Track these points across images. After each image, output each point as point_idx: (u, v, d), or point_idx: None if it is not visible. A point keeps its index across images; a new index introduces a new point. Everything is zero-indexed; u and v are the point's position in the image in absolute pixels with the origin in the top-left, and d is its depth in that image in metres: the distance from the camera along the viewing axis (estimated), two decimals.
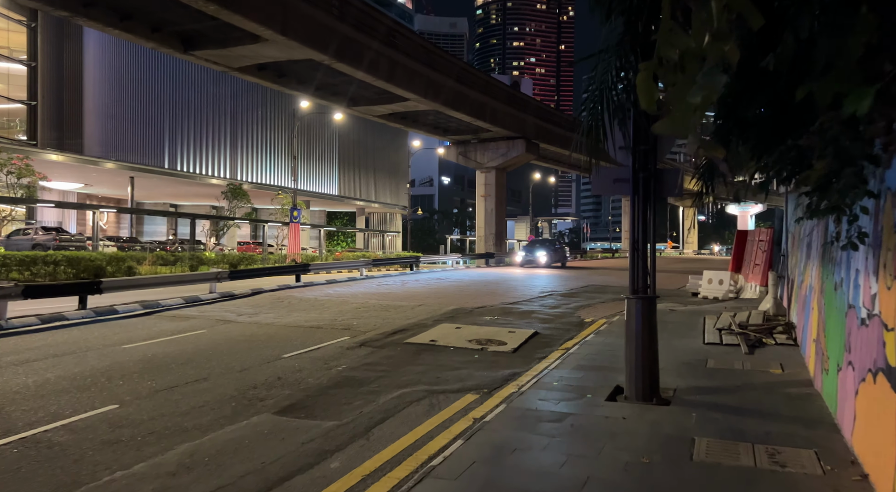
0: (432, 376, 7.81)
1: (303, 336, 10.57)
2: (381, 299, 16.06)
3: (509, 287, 20.47)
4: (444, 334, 10.69)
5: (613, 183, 6.41)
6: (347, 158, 54.68)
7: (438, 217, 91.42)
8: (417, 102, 27.27)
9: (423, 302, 15.54)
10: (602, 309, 14.57)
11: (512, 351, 9.47)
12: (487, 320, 12.52)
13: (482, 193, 38.00)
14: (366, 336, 10.56)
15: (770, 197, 74.07)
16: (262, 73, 22.60)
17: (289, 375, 7.76)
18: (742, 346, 8.39)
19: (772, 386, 6.39)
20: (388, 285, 20.91)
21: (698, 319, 11.62)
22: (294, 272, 20.36)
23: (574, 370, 7.51)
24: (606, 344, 9.27)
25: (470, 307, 14.51)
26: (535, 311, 14.12)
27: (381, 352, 9.27)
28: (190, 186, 44.50)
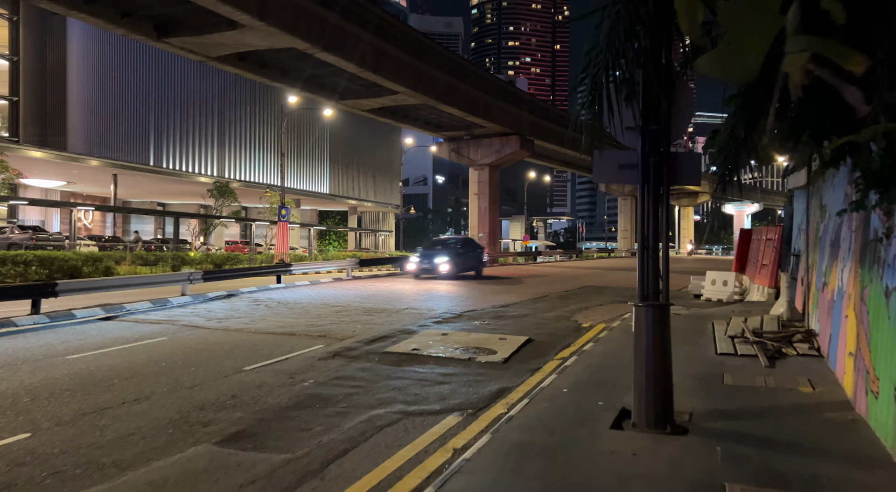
0: (411, 392, 6.84)
1: (272, 345, 9.58)
2: (364, 302, 15.07)
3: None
4: (429, 342, 9.72)
5: (618, 170, 5.45)
6: (339, 156, 53.65)
7: (433, 216, 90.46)
8: (407, 96, 26.24)
9: (409, 305, 14.56)
10: (600, 313, 13.62)
11: (502, 361, 8.51)
12: (477, 325, 11.56)
13: (475, 191, 37.02)
14: (342, 344, 9.57)
15: (766, 196, 73.56)
16: (243, 64, 21.56)
17: (245, 392, 6.77)
18: (760, 357, 7.44)
19: (805, 409, 5.43)
20: (374, 287, 19.92)
21: (706, 324, 10.68)
22: (275, 273, 19.33)
23: (572, 386, 6.55)
24: (607, 354, 8.31)
25: (458, 311, 13.54)
26: (528, 314, 13.16)
27: (356, 363, 8.29)
28: (177, 183, 43.42)
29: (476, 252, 23.72)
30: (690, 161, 5.32)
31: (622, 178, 5.45)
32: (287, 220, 36.51)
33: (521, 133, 35.72)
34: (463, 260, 22.51)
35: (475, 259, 23.60)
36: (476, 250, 23.92)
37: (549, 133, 39.76)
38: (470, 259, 23.14)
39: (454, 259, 21.81)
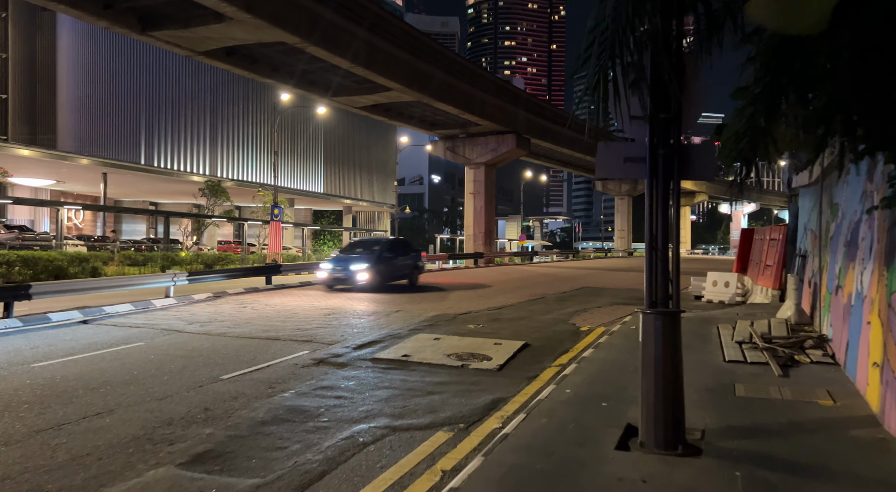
0: (398, 404, 6.35)
1: (255, 350, 9.07)
2: (354, 304, 14.57)
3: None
4: (420, 347, 9.23)
5: (623, 164, 4.96)
6: (333, 155, 53.11)
7: (428, 216, 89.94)
8: (401, 93, 25.72)
9: (401, 307, 14.07)
10: (599, 315, 13.15)
11: (497, 368, 8.02)
12: (471, 329, 11.07)
13: (471, 190, 36.51)
14: (328, 350, 9.07)
15: (763, 196, 73.44)
16: (231, 59, 21.01)
17: (219, 404, 6.27)
18: (772, 365, 6.97)
19: (828, 426, 4.96)
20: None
21: (710, 327, 10.22)
22: (264, 274, 18.81)
23: (571, 398, 6.06)
24: (608, 361, 7.82)
25: (452, 314, 13.05)
26: (524, 317, 12.68)
27: (342, 371, 7.79)
28: (169, 183, 42.83)
29: (409, 256, 19.64)
30: (703, 153, 4.84)
31: (628, 172, 4.97)
32: (280, 219, 35.99)
33: (518, 131, 35.24)
34: (389, 267, 18.24)
35: (407, 265, 19.39)
36: (409, 254, 19.78)
37: (546, 131, 39.30)
38: (399, 265, 18.91)
39: (377, 266, 17.50)
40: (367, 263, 17.47)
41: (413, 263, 19.74)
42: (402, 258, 19.17)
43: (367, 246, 19.34)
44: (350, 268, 17.44)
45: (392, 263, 18.51)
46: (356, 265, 17.42)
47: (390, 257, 18.54)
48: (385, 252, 18.48)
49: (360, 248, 19.36)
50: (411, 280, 19.57)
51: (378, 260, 17.82)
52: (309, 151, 50.60)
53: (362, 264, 17.44)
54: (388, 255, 18.50)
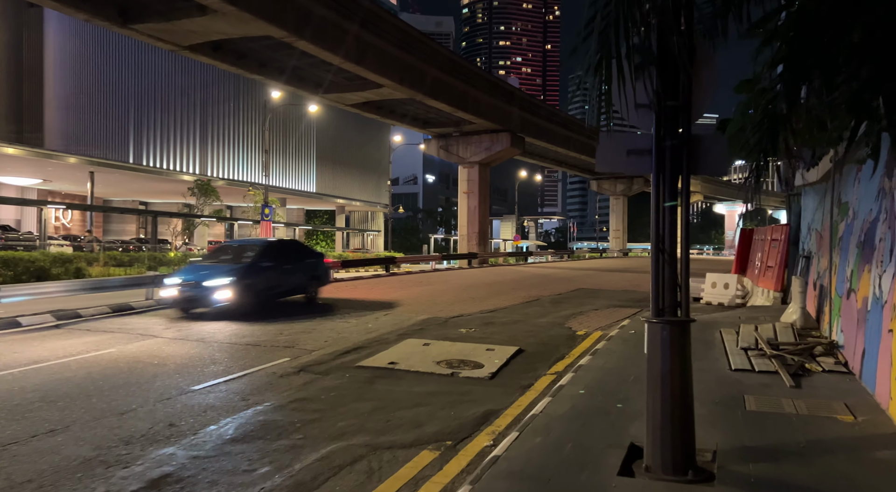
0: (381, 418, 5.87)
1: (232, 357, 8.57)
2: (343, 306, 14.05)
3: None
4: (408, 354, 8.74)
5: (627, 156, 4.49)
6: (326, 154, 52.54)
7: (423, 216, 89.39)
8: (392, 90, 25.21)
9: (390, 310, 13.57)
10: (596, 319, 12.69)
11: (489, 377, 7.55)
12: (463, 333, 10.59)
13: (464, 189, 36.03)
14: (310, 357, 8.57)
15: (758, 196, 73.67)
16: (218, 54, 20.47)
17: (186, 419, 5.76)
18: (783, 375, 6.52)
19: (851, 446, 4.50)
20: (353, 291, 18.93)
21: (712, 332, 9.77)
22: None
23: (569, 413, 5.58)
24: (607, 370, 7.35)
25: (444, 317, 12.56)
26: (518, 320, 12.20)
27: (323, 380, 7.30)
28: (159, 182, 42.17)
29: (302, 264, 14.66)
30: (715, 145, 4.37)
31: (631, 166, 4.50)
32: (271, 219, 35.43)
33: (512, 130, 34.78)
34: (268, 279, 13.25)
35: (300, 276, 14.42)
36: (303, 261, 14.79)
37: (541, 130, 38.87)
38: (286, 276, 13.97)
39: (246, 279, 12.57)
40: (231, 276, 12.28)
41: (310, 272, 14.69)
42: (289, 267, 14.08)
43: (237, 251, 14.00)
44: (204, 284, 12.15)
45: (273, 273, 13.37)
46: (214, 279, 12.19)
47: (269, 267, 13.32)
48: (262, 259, 13.33)
49: (227, 254, 14.06)
50: (309, 295, 14.61)
51: (249, 271, 12.77)
52: (301, 150, 50.01)
53: (223, 278, 12.20)
54: (267, 263, 13.34)
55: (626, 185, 62.99)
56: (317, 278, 15.09)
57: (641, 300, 16.20)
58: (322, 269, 15.57)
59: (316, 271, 15.12)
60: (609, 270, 32.36)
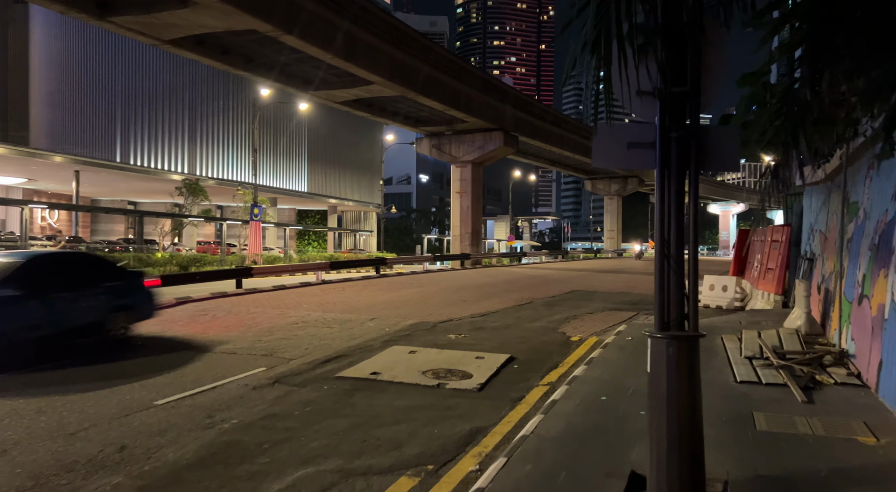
0: (357, 437, 5.36)
1: (204, 366, 8.04)
2: (326, 311, 13.53)
3: None
4: (393, 363, 8.24)
5: (627, 150, 3.99)
6: (318, 154, 51.93)
7: (416, 216, 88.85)
8: (383, 87, 24.66)
9: (377, 314, 13.05)
10: (591, 323, 12.21)
11: (478, 388, 7.06)
12: (452, 340, 10.09)
13: (457, 189, 35.51)
14: (287, 367, 8.05)
15: (751, 196, 72.91)
16: (202, 49, 19.87)
17: (142, 440, 5.24)
18: (793, 388, 6.04)
19: (880, 476, 4.02)
20: (340, 293, 18.42)
21: (713, 338, 9.30)
22: (235, 277, 17.69)
23: (562, 433, 5.09)
24: (603, 382, 6.86)
25: (432, 321, 12.05)
26: (510, 325, 11.71)
27: (299, 393, 6.78)
28: (147, 181, 41.50)
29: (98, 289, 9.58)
30: (726, 138, 3.88)
31: (632, 161, 4.00)
32: (260, 219, 34.85)
33: (505, 129, 34.28)
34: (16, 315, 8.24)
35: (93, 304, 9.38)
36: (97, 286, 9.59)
37: (534, 129, 38.40)
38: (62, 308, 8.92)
39: None
40: None
41: (111, 300, 9.64)
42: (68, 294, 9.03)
43: None
44: None
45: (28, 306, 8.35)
46: None
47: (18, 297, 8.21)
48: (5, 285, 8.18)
49: None
50: (110, 332, 9.50)
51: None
52: (292, 150, 49.39)
53: None
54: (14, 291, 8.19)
55: (620, 185, 62.65)
56: (126, 309, 9.81)
57: (637, 303, 15.75)
58: (136, 295, 10.30)
59: (123, 299, 9.83)
60: (604, 272, 31.93)
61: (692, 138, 3.77)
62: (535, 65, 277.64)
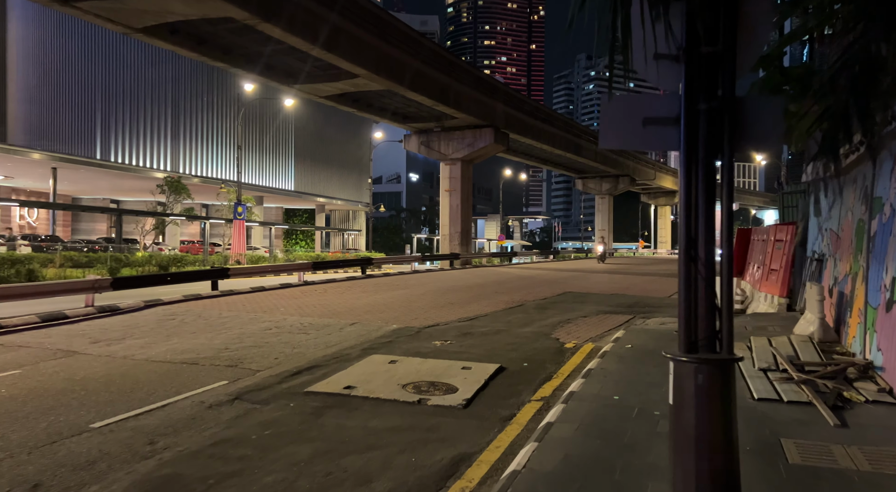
0: (321, 469, 4.58)
1: (160, 379, 7.21)
2: (304, 315, 12.70)
3: None
4: (370, 375, 7.45)
5: (643, 127, 3.23)
6: (305, 152, 50.96)
7: (406, 215, 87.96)
8: (369, 81, 23.79)
9: (359, 318, 12.24)
10: (586, 328, 11.47)
11: (463, 405, 6.29)
12: (437, 347, 9.31)
13: (446, 187, 34.68)
14: (253, 380, 7.24)
15: (741, 196, 72.66)
16: (176, 38, 18.93)
17: (63, 476, 4.42)
18: (821, 408, 5.31)
19: None
20: (322, 295, 17.60)
21: None
22: (210, 278, 16.79)
23: (559, 467, 4.32)
24: (604, 400, 6.10)
25: (417, 327, 11.26)
26: (500, 330, 10.95)
27: (261, 412, 5.98)
28: (129, 179, 40.42)
29: None
30: (767, 110, 3.12)
31: (649, 140, 3.24)
32: (244, 218, 33.95)
33: (496, 125, 33.50)
34: None
35: None
36: None
37: (526, 126, 37.65)
38: None
39: None
40: None
41: None
42: None
43: None
44: None
45: None
46: None
47: None
48: None
49: None
50: None
51: None
52: (279, 147, 48.41)
53: None
54: None
55: (612, 184, 62.09)
56: None
57: (633, 306, 15.04)
58: None
59: None
60: (596, 272, 31.27)
61: (726, 111, 3.02)
62: (525, 64, 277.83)
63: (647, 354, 8.16)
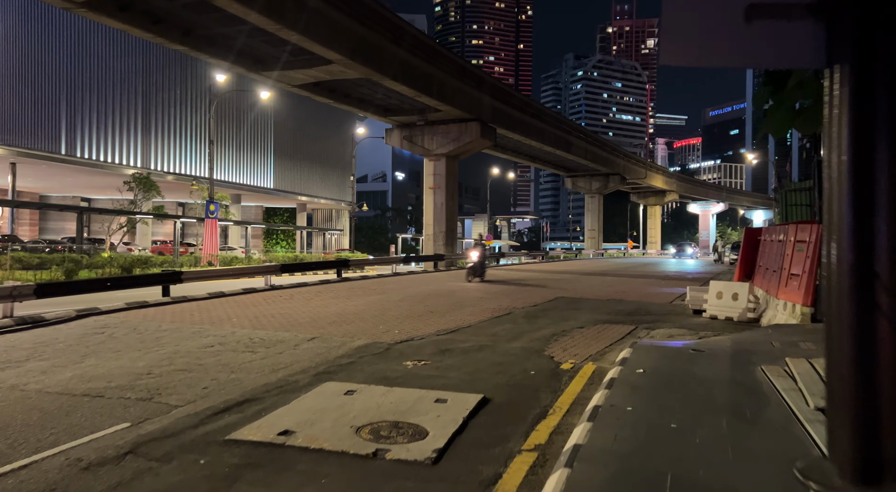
0: None
1: (40, 422, 5.56)
2: (258, 327, 11.04)
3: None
4: (318, 412, 5.84)
5: (746, 23, 1.64)
6: (285, 149, 49.12)
7: (392, 215, 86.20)
8: (344, 67, 22.07)
9: (321, 331, 10.60)
10: (583, 342, 9.93)
11: (433, 458, 4.73)
12: (408, 369, 7.73)
13: (430, 184, 33.02)
14: (162, 422, 5.60)
15: (731, 196, 72.10)
16: (126, 16, 17.12)
17: None
18: None
19: None
20: (286, 301, 15.96)
21: (748, 369, 7.10)
22: (160, 283, 15.03)
23: None
24: (622, 458, 4.52)
25: (387, 342, 9.65)
26: (484, 345, 9.37)
27: (155, 476, 4.36)
28: (98, 175, 38.42)
29: None
30: None
31: (759, 48, 1.66)
32: (216, 217, 32.19)
33: (482, 119, 31.88)
34: None
35: None
36: None
37: (514, 121, 36.09)
38: None
39: None
40: None
41: None
42: None
43: None
44: None
45: None
46: None
47: None
48: None
49: None
50: None
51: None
52: (257, 144, 46.52)
53: None
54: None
55: (601, 182, 60.80)
56: None
57: (633, 313, 13.54)
58: None
59: None
60: (588, 274, 29.83)
61: None
62: (513, 64, 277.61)
63: (665, 383, 6.62)
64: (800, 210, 18.64)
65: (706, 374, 6.93)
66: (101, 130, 36.86)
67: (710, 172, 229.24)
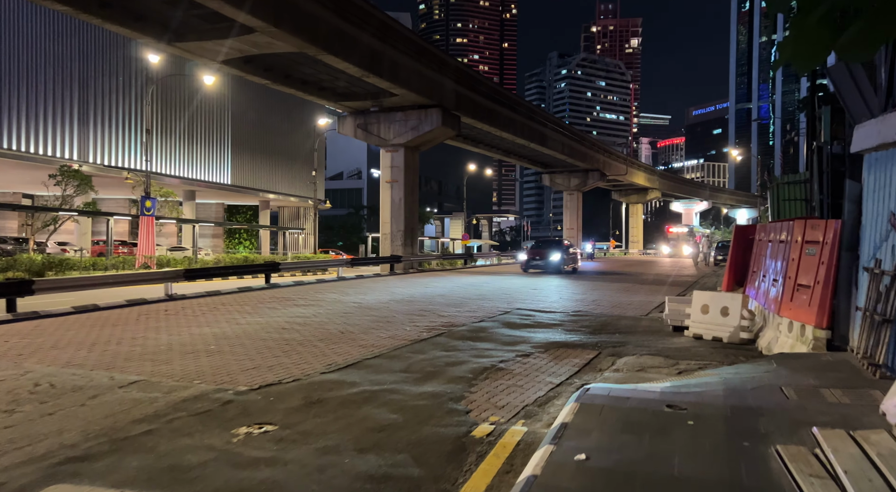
0: None
1: None
2: (76, 362, 8.11)
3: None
4: None
5: None
6: (244, 142, 45.94)
7: (367, 213, 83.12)
8: (270, 37, 19.01)
9: (155, 370, 7.71)
10: (523, 379, 7.18)
11: None
12: (232, 445, 4.92)
13: (387, 177, 30.04)
14: None
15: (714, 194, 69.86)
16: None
17: None
18: None
19: None
20: (169, 318, 13.08)
21: (758, 458, 4.39)
22: (6, 295, 11.90)
23: None
24: None
25: (240, 388, 6.81)
26: (380, 390, 6.58)
27: None
28: (30, 169, 34.99)
29: None
30: None
31: None
32: (153, 214, 29.11)
33: (444, 106, 28.95)
34: None
35: None
36: None
37: (481, 110, 33.22)
38: None
39: None
40: None
41: None
42: None
43: None
44: None
45: None
46: None
47: None
48: None
49: None
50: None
51: None
52: (212, 136, 43.29)
53: None
54: None
55: (580, 179, 58.27)
56: None
57: (599, 330, 10.82)
58: None
59: None
60: (561, 277, 27.14)
61: None
62: (497, 63, 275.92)
63: (634, 477, 3.83)
64: (795, 205, 16.31)
65: (687, 467, 4.17)
66: (31, 119, 33.50)
67: (694, 171, 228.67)
